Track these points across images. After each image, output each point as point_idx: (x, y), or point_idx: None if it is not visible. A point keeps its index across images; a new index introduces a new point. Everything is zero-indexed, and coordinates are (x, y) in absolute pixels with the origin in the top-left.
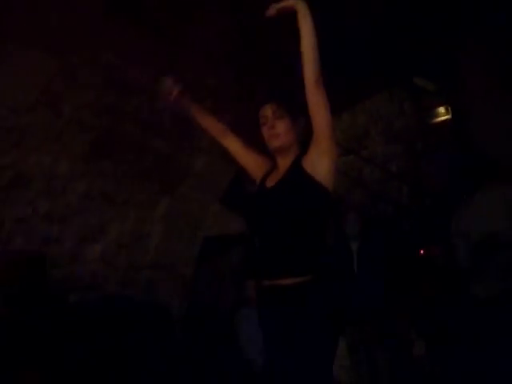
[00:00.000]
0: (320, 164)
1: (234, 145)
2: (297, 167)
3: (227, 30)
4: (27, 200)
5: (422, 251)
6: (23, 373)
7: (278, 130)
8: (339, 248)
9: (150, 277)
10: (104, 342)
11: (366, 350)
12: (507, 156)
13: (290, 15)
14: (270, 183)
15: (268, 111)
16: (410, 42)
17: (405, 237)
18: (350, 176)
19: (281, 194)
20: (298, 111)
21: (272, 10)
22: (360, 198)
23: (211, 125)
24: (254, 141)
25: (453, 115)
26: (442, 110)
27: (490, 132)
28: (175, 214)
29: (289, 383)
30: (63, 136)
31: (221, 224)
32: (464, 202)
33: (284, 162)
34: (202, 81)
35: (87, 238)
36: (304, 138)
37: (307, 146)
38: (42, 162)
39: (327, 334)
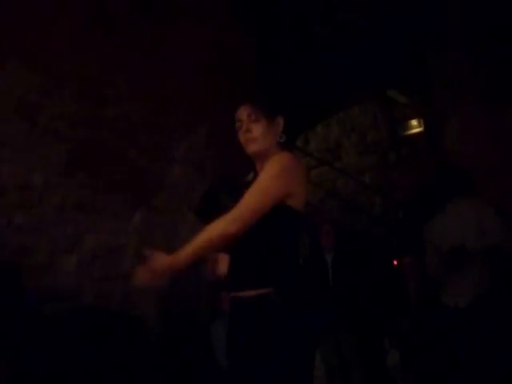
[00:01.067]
0: None
1: None
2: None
3: (203, 43)
4: (2, 211)
5: (395, 261)
6: None
7: (254, 134)
8: (314, 260)
9: (125, 288)
10: (79, 353)
11: (340, 360)
12: (478, 168)
13: None
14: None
15: (243, 114)
16: (382, 55)
17: (378, 248)
18: (324, 187)
19: None
20: (275, 112)
21: None
22: (334, 209)
23: None
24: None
25: (425, 128)
26: (414, 122)
27: (462, 144)
28: (150, 225)
29: None
30: (38, 147)
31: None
32: (435, 214)
33: (261, 167)
34: (177, 92)
35: (62, 249)
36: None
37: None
38: (16, 173)
39: (288, 347)
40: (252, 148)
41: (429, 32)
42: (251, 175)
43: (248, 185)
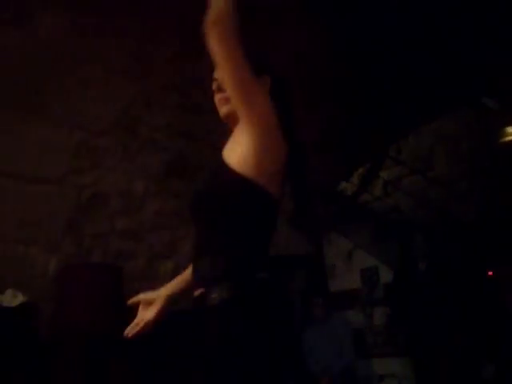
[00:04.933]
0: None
1: None
2: None
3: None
4: (105, 217)
5: (490, 272)
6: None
7: (227, 94)
8: (407, 271)
9: None
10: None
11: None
12: None
13: None
14: None
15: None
16: (476, 62)
17: (472, 257)
18: (416, 196)
19: None
20: (261, 70)
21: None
22: (425, 219)
23: None
24: None
25: None
26: (510, 129)
27: None
28: None
29: None
30: (139, 157)
31: (289, 244)
32: None
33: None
34: None
35: (160, 255)
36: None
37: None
38: (119, 181)
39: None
40: (222, 110)
41: None
42: None
43: None
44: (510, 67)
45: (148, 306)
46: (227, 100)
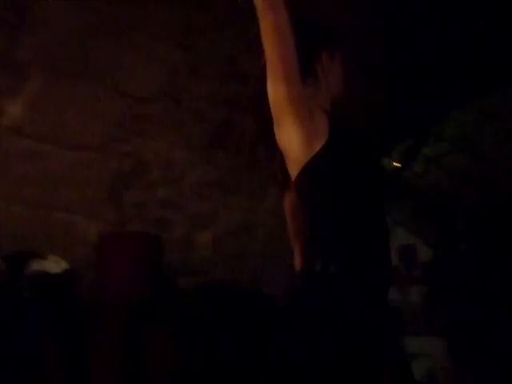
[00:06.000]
0: None
1: None
2: None
3: None
4: (145, 186)
5: None
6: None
7: None
8: (447, 250)
9: (257, 265)
10: (208, 326)
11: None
12: None
13: None
14: None
15: None
16: None
17: None
18: (459, 175)
19: None
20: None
21: None
22: (469, 198)
23: None
24: None
25: None
26: None
27: None
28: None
29: None
30: (182, 126)
31: None
32: None
33: None
34: None
35: (199, 225)
36: None
37: None
38: (161, 150)
39: None
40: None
41: None
42: None
43: None
44: None
45: None
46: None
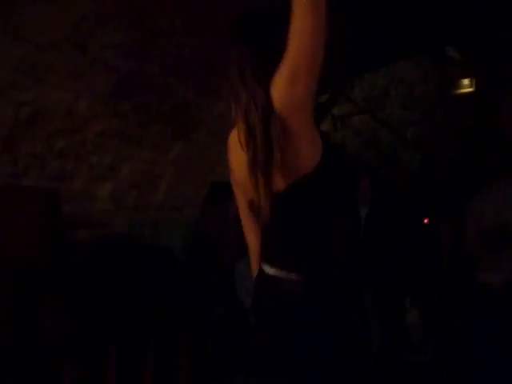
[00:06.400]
0: None
1: None
2: None
3: None
4: (44, 136)
5: (426, 220)
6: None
7: None
8: (350, 213)
9: (157, 218)
10: (105, 277)
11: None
12: None
13: None
14: None
15: None
16: (445, 12)
17: (413, 205)
18: (364, 136)
19: None
20: None
21: None
22: (371, 160)
23: None
24: None
25: (476, 89)
26: (466, 81)
27: None
28: (188, 158)
29: None
30: (86, 75)
31: None
32: (481, 189)
33: None
34: None
35: (100, 176)
36: None
37: None
38: (62, 99)
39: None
40: None
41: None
42: None
43: None
44: (475, 19)
45: None
46: None
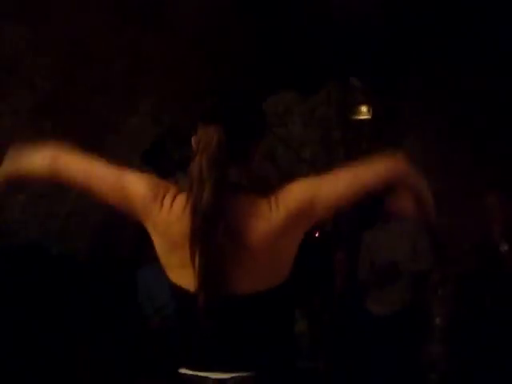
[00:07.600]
0: None
1: None
2: None
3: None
4: None
5: (317, 233)
6: None
7: None
8: None
9: (65, 225)
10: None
11: None
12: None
13: None
14: None
15: None
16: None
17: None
18: (264, 152)
19: None
20: None
21: None
22: (269, 176)
23: None
24: None
25: (373, 117)
26: (364, 108)
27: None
28: None
29: None
30: (11, 95)
31: None
32: (377, 222)
33: None
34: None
35: (13, 188)
36: None
37: None
38: None
39: None
40: None
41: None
42: None
43: None
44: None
45: None
46: None
